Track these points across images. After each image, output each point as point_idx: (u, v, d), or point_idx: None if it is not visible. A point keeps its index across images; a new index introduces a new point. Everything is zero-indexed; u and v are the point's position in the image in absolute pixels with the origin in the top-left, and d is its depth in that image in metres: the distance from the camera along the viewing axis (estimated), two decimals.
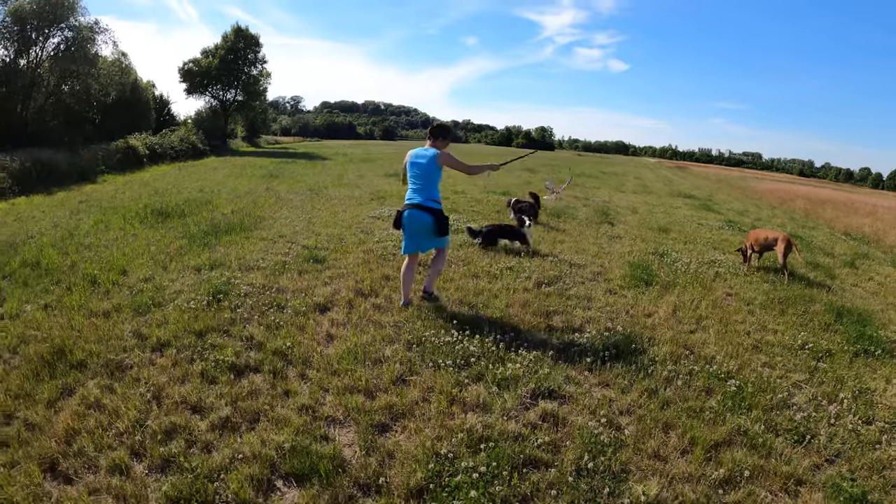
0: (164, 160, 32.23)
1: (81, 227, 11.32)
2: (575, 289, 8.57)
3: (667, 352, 6.37)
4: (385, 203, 16.14)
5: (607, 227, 14.79)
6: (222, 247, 9.95)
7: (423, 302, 7.42)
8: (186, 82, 55.15)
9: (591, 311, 7.66)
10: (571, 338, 6.59)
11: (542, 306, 7.61)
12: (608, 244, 12.35)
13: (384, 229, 12.02)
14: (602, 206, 19.13)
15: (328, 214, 13.79)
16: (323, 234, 11.34)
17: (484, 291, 8.08)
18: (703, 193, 31.45)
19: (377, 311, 7.17)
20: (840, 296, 9.66)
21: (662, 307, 7.98)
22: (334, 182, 21.75)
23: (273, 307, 7.06)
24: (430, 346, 6.11)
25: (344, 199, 16.85)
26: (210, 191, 17.80)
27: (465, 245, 10.78)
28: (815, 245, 15.49)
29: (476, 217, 14.40)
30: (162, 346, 5.91)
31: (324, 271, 8.75)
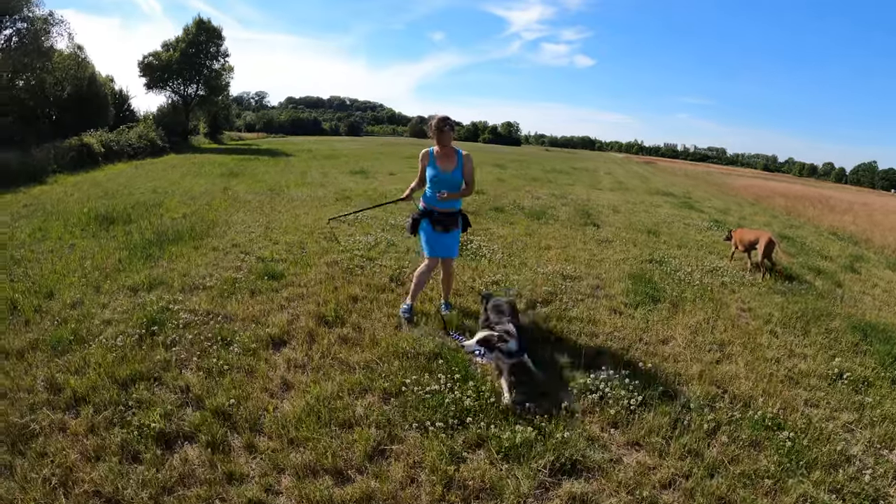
0: (122, 158, 30.58)
1: (17, 237, 9.97)
2: (575, 309, 7.44)
3: (699, 393, 5.38)
4: (351, 204, 14.88)
5: (593, 229, 13.77)
6: (166, 260, 8.66)
7: (395, 331, 6.37)
8: (146, 76, 52.75)
9: (599, 339, 6.55)
10: (585, 380, 5.41)
11: (542, 333, 6.50)
12: (599, 250, 11.28)
13: (350, 235, 10.79)
14: (582, 206, 18.20)
15: (288, 218, 12.49)
16: (282, 243, 10.10)
17: (471, 315, 6.91)
18: (680, 190, 30.72)
19: (344, 345, 5.95)
20: (855, 307, 9.07)
21: (678, 330, 7.04)
22: (297, 181, 20.42)
23: (217, 342, 5.79)
24: (412, 397, 4.90)
25: (306, 200, 15.54)
26: (164, 191, 16.45)
27: None
28: (809, 247, 14.95)
29: None
30: (78, 402, 4.64)
31: (281, 290, 7.51)
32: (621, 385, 5.29)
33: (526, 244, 11.09)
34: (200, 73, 54.79)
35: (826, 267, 12.14)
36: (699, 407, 5.10)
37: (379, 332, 6.27)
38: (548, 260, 9.96)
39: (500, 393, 5.01)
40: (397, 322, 6.52)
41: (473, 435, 4.40)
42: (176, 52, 52.50)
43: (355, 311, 6.83)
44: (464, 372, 5.33)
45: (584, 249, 11.14)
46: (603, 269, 9.62)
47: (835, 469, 4.42)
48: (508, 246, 10.70)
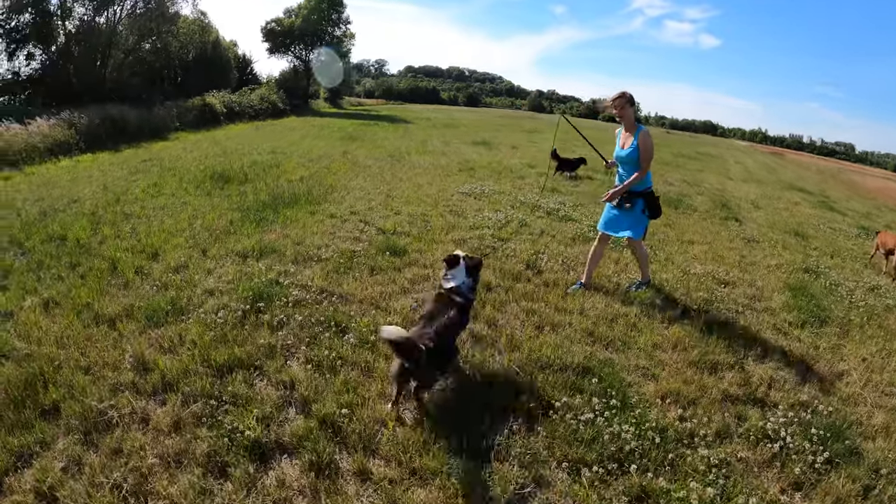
0: (243, 118, 31.43)
1: (132, 191, 9.85)
2: (737, 323, 6.41)
3: (888, 452, 4.36)
4: (475, 176, 14.06)
5: (735, 224, 12.44)
6: (280, 225, 8.18)
7: (537, 332, 5.52)
8: (269, 42, 53.69)
9: (767, 364, 5.52)
10: (761, 423, 4.43)
11: (703, 350, 5.50)
12: (747, 251, 10.04)
13: (478, 210, 9.97)
14: (718, 196, 16.69)
15: (410, 187, 11.81)
16: (404, 213, 9.40)
17: (619, 319, 6.01)
18: (814, 187, 28.29)
19: (476, 345, 5.16)
20: None
21: (851, 362, 5.94)
22: (418, 148, 19.79)
23: (331, 328, 5.12)
24: (562, 426, 4.05)
25: (428, 168, 14.85)
26: (282, 152, 16.23)
27: (581, 239, 8.76)
28: None
29: None
30: (166, 388, 4.11)
31: (403, 269, 6.80)
32: (803, 434, 4.35)
33: (667, 236, 10.01)
34: (322, 39, 55.05)
35: None
36: (890, 472, 4.13)
37: (517, 331, 5.46)
38: (694, 257, 8.93)
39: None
40: (538, 322, 5.68)
41: (634, 486, 3.54)
42: (298, 18, 52.98)
43: (489, 303, 6.03)
44: (622, 396, 4.47)
45: (732, 248, 9.96)
46: (757, 275, 8.48)
47: None
48: (649, 237, 9.61)
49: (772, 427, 4.33)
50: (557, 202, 11.37)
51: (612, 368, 4.90)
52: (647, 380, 4.91)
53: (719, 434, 4.24)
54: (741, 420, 4.48)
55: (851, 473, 4.00)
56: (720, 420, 4.40)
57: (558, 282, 6.82)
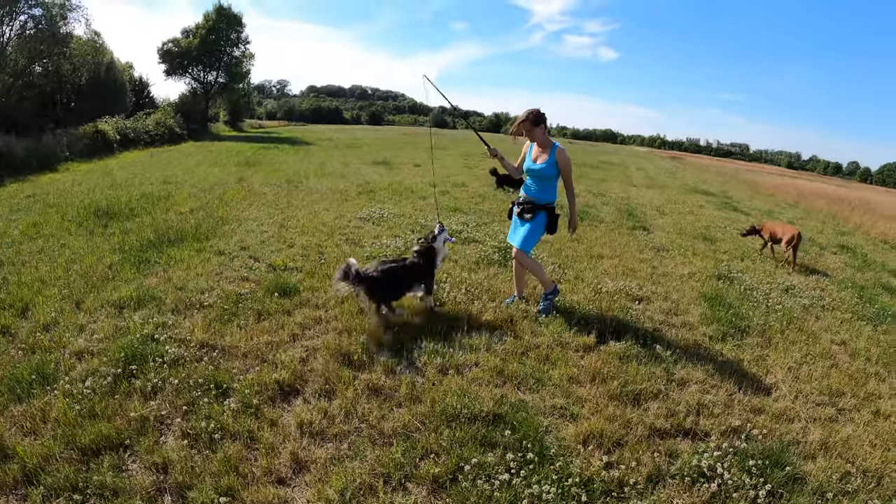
0: (138, 145, 29.76)
1: (10, 233, 8.88)
2: (656, 344, 6.08)
3: (829, 472, 4.20)
4: (375, 199, 13.53)
5: (643, 234, 12.42)
6: (163, 267, 7.43)
7: (441, 377, 5.04)
8: (165, 63, 51.68)
9: (692, 388, 5.24)
10: (694, 459, 4.08)
11: (624, 380, 5.14)
12: (658, 261, 9.93)
13: (376, 237, 9.47)
14: (624, 205, 16.81)
15: (306, 215, 11.17)
16: (297, 245, 8.79)
17: (529, 352, 5.60)
18: (716, 189, 29.18)
19: (375, 398, 4.61)
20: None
21: (778, 373, 5.83)
22: (316, 171, 19.13)
23: (211, 391, 4.46)
24: (474, 493, 3.55)
25: (326, 193, 14.21)
26: (175, 182, 15.27)
27: (485, 262, 8.39)
28: (871, 260, 13.57)
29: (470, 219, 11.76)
30: (27, 481, 3.43)
31: (293, 312, 6.19)
32: (741, 466, 4.06)
33: (575, 252, 9.74)
34: (220, 60, 53.82)
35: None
36: (837, 495, 3.96)
37: (418, 379, 4.95)
38: (605, 272, 8.67)
39: None
40: (441, 365, 5.19)
41: None
42: (196, 38, 51.39)
43: (387, 346, 5.49)
44: (539, 447, 4.02)
45: (642, 260, 9.81)
46: (671, 287, 8.31)
47: None
48: (556, 254, 9.38)
49: (706, 462, 4.00)
50: (460, 223, 10.99)
51: (527, 413, 4.46)
52: (565, 421, 4.49)
53: (651, 479, 3.86)
54: (672, 458, 4.12)
55: (796, 501, 3.80)
56: (650, 461, 4.02)
57: (461, 314, 6.36)
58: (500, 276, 7.85)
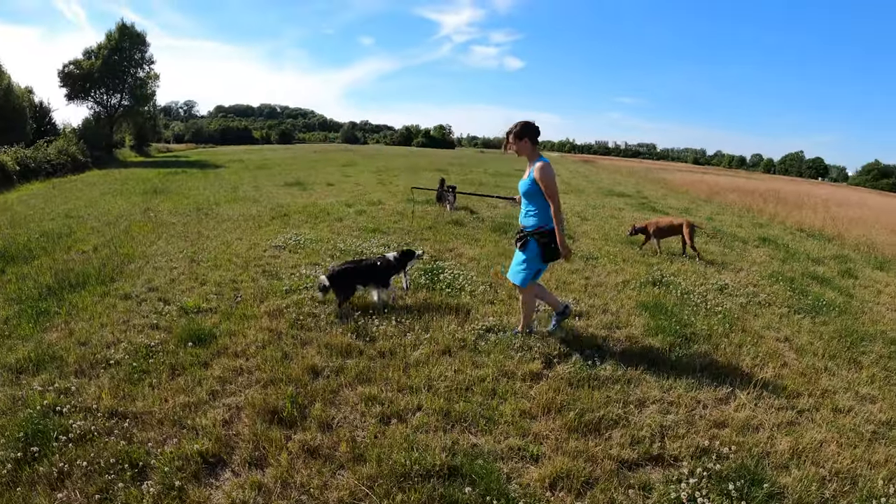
0: (39, 176, 27.78)
1: None
2: (604, 365, 5.84)
3: (805, 482, 4.13)
4: (290, 224, 12.92)
5: (570, 243, 12.09)
6: (64, 318, 6.67)
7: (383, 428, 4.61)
8: (67, 86, 49.30)
9: (651, 409, 5.06)
10: (668, 490, 3.87)
11: (580, 409, 4.87)
12: (590, 271, 9.82)
13: (294, 267, 8.95)
14: None
15: (218, 246, 10.48)
16: (210, 282, 8.16)
17: (473, 386, 5.26)
18: (631, 189, 29.77)
19: (312, 461, 4.10)
20: (883, 323, 8.44)
21: (733, 380, 5.76)
22: (227, 196, 18.22)
23: (125, 473, 3.87)
24: None
25: (238, 220, 13.46)
26: (78, 216, 14.15)
27: (412, 288, 8.03)
28: (794, 250, 14.14)
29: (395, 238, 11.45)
30: None
31: (211, 363, 5.60)
32: (719, 491, 3.89)
33: (506, 269, 9.35)
34: (124, 81, 51.92)
35: (823, 273, 11.64)
36: (818, 503, 3.96)
37: (359, 433, 4.50)
38: None
39: None
40: (381, 413, 4.76)
41: None
42: (98, 59, 49.49)
43: (319, 396, 4.98)
44: (504, 501, 3.67)
45: (573, 271, 9.65)
46: (608, 298, 8.16)
47: None
48: (485, 271, 9.10)
49: (685, 493, 3.80)
50: (381, 245, 10.58)
51: (484, 460, 4.11)
52: (526, 464, 4.18)
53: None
54: (647, 492, 3.89)
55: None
56: (625, 499, 3.78)
57: (395, 349, 5.97)
58: (430, 302, 7.48)
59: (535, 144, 5.93)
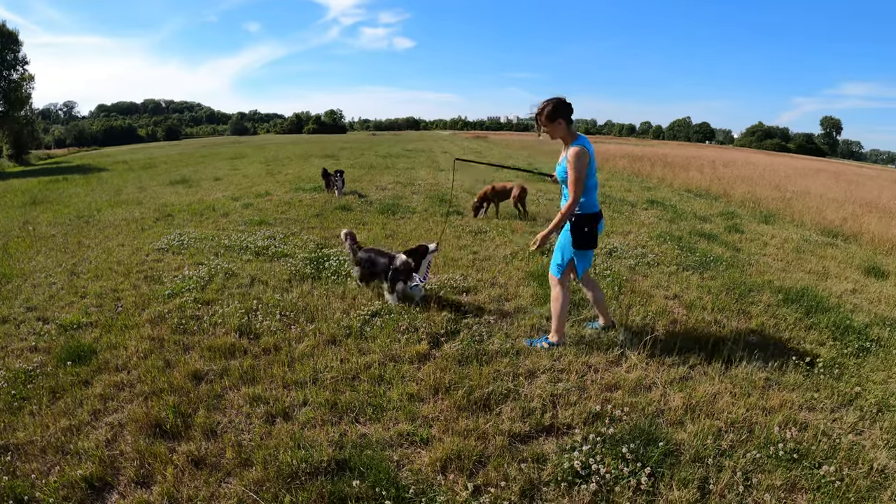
0: None
1: None
2: (493, 339, 5.82)
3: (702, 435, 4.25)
4: (174, 224, 12.26)
5: (458, 218, 12.35)
6: None
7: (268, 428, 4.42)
8: None
9: (541, 379, 5.04)
10: (561, 459, 3.84)
11: (469, 387, 4.80)
12: (478, 245, 9.82)
13: (177, 269, 8.48)
14: (434, 191, 16.70)
15: (100, 254, 9.77)
16: (91, 294, 7.58)
17: (360, 374, 5.10)
18: (522, 162, 30.14)
19: (199, 472, 3.85)
20: (769, 273, 8.94)
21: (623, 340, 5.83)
22: (110, 201, 17.02)
23: None
24: None
25: (121, 224, 12.61)
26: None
27: (297, 279, 7.80)
28: (682, 210, 14.72)
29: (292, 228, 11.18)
30: None
31: (92, 381, 5.17)
32: (614, 454, 3.90)
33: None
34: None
35: (710, 230, 12.17)
36: (715, 456, 4.04)
37: (245, 436, 4.28)
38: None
39: None
40: (266, 412, 4.55)
41: None
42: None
43: (203, 403, 4.72)
44: (395, 491, 3.55)
45: (461, 247, 9.61)
46: (496, 271, 8.14)
47: (882, 496, 3.74)
48: None
49: (579, 461, 3.77)
50: (266, 237, 10.25)
51: (372, 450, 3.97)
52: (417, 449, 4.07)
53: (525, 494, 3.57)
54: (541, 463, 3.85)
55: (679, 477, 3.75)
56: (519, 474, 3.72)
57: (280, 344, 5.74)
58: (316, 291, 7.27)
59: (570, 124, 5.31)
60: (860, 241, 12.73)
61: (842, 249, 11.40)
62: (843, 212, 15.65)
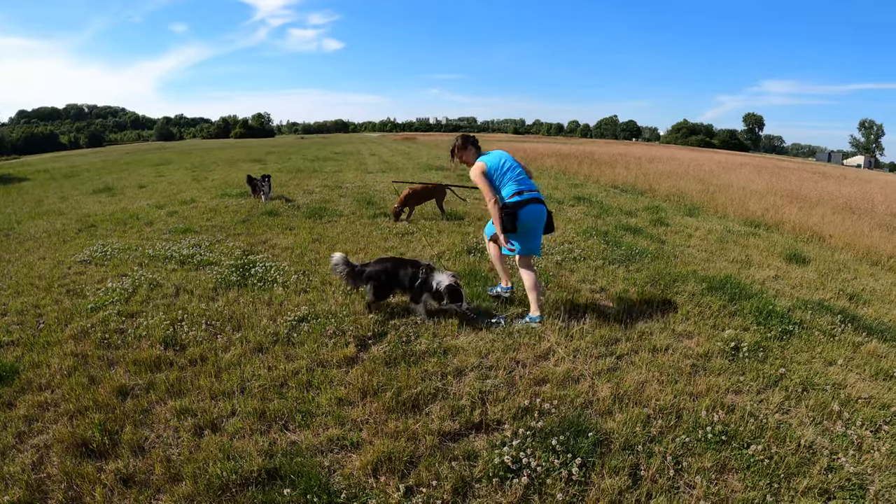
0: None
1: None
2: (420, 339, 5.83)
3: (630, 423, 4.37)
4: (97, 234, 11.77)
5: (384, 220, 12.27)
6: None
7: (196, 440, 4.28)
8: None
9: (469, 377, 5.07)
10: (492, 456, 3.86)
11: (396, 388, 4.78)
12: (405, 246, 9.79)
13: (100, 282, 8.16)
14: (362, 194, 16.52)
15: (20, 268, 9.30)
16: (11, 311, 7.18)
17: (288, 380, 5.03)
18: (448, 164, 30.05)
19: (128, 489, 3.74)
20: (694, 264, 9.21)
21: (552, 337, 5.89)
22: (31, 212, 16.21)
23: None
24: None
25: (42, 237, 12.03)
26: None
27: (223, 286, 7.63)
28: (608, 206, 14.94)
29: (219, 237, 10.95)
30: None
31: (16, 401, 4.90)
32: (544, 447, 3.96)
33: (319, 254, 9.17)
34: None
35: (635, 224, 12.39)
36: (645, 442, 4.14)
37: (173, 450, 4.15)
38: None
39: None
40: (195, 425, 4.42)
41: None
42: None
43: (130, 419, 4.56)
44: (326, 496, 3.52)
45: (388, 248, 9.56)
46: None
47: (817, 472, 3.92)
48: (299, 260, 8.80)
49: (509, 456, 3.80)
50: (191, 245, 10.00)
51: (302, 457, 3.93)
52: (347, 453, 4.04)
53: (457, 491, 3.60)
54: (472, 460, 3.88)
55: (610, 466, 3.83)
56: (450, 472, 3.73)
57: (207, 355, 5.59)
58: (242, 299, 7.13)
59: (478, 150, 6.76)
60: (782, 230, 13.18)
61: (764, 238, 11.76)
62: (764, 203, 16.15)
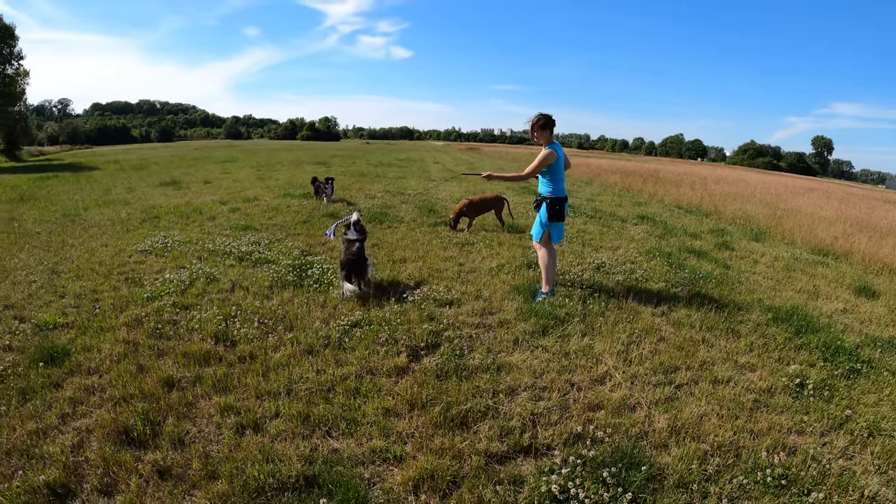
0: None
1: None
2: (473, 353, 5.68)
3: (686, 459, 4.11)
4: (160, 226, 12.07)
5: (444, 228, 12.10)
6: None
7: (237, 439, 4.23)
8: None
9: (522, 396, 4.88)
10: (539, 483, 3.68)
11: (446, 403, 4.65)
12: (464, 256, 9.64)
13: (158, 272, 8.31)
14: (423, 202, 16.45)
15: (82, 254, 9.58)
16: (70, 294, 7.42)
17: (336, 386, 4.95)
18: None
19: (164, 482, 3.73)
20: (759, 292, 8.75)
21: (608, 360, 5.70)
22: (98, 200, 16.79)
23: None
24: None
25: (106, 224, 12.43)
26: None
27: (279, 286, 7.64)
28: (672, 226, 14.51)
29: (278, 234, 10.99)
30: None
31: (63, 383, 5.02)
32: (594, 478, 3.77)
33: (377, 259, 9.15)
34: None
35: (700, 247, 11.95)
36: (700, 481, 3.90)
37: (213, 448, 4.12)
38: (409, 278, 8.15)
39: None
40: (237, 423, 4.40)
41: None
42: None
43: (173, 411, 4.56)
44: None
45: (447, 258, 9.43)
46: (481, 284, 7.98)
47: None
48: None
49: (557, 484, 3.63)
50: (251, 242, 10.07)
51: (343, 466, 3.83)
52: (389, 467, 3.93)
53: None
54: (518, 486, 3.71)
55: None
56: (494, 497, 3.59)
57: (256, 353, 5.58)
58: (297, 299, 7.11)
59: (552, 133, 7.34)
60: (851, 259, 12.62)
61: (832, 268, 11.27)
62: (833, 230, 15.52)
